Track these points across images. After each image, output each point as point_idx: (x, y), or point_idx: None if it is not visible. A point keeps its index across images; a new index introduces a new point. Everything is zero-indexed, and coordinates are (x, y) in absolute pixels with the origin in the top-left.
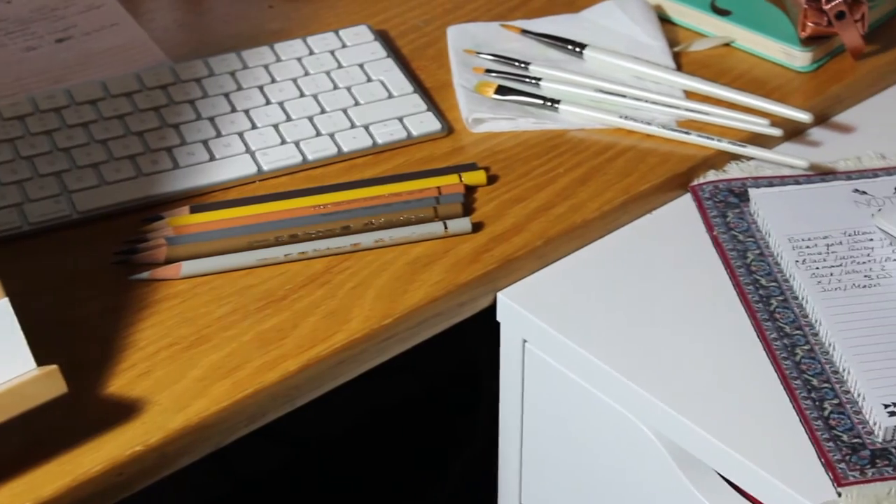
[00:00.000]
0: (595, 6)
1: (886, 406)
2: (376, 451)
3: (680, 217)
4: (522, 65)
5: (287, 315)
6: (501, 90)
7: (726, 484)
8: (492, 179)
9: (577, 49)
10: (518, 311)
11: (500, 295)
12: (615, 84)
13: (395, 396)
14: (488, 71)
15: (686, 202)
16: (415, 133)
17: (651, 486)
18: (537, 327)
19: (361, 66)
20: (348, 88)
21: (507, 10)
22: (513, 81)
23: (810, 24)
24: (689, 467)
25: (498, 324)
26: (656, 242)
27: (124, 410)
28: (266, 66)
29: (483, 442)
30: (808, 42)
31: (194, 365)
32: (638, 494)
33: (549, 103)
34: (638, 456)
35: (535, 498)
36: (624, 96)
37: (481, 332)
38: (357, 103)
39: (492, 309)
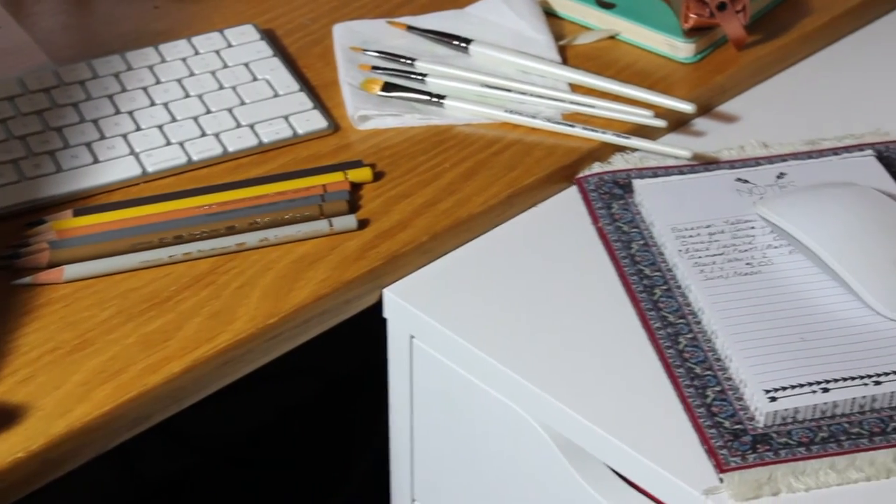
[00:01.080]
0: (480, 2)
1: (767, 392)
2: (281, 452)
3: (566, 209)
4: (408, 61)
5: (171, 317)
6: (387, 87)
7: (614, 474)
8: (378, 176)
9: (463, 44)
10: (404, 307)
11: (386, 291)
12: (501, 79)
13: (302, 397)
14: (374, 68)
15: (572, 194)
16: (300, 131)
17: (540, 479)
18: (424, 323)
19: (247, 65)
20: (234, 88)
21: (393, 7)
22: (399, 78)
23: (693, 15)
24: (576, 458)
25: (385, 320)
26: (542, 235)
27: (5, 417)
28: (150, 68)
29: (386, 442)
30: (691, 33)
31: (77, 369)
32: (528, 487)
33: (434, 99)
34: (527, 449)
35: (428, 493)
36: (509, 90)
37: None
38: (242, 103)
39: (382, 306)
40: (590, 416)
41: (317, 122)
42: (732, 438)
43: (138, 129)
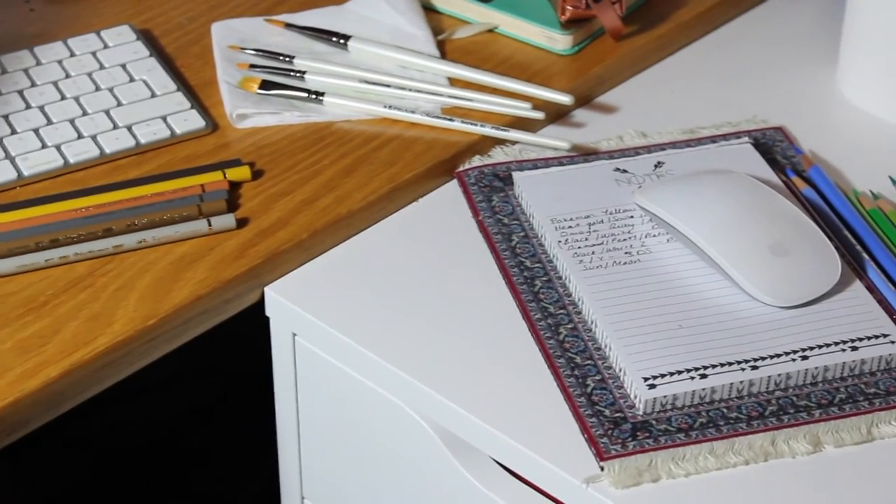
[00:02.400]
0: None
1: (646, 379)
2: (182, 456)
3: (446, 203)
4: (287, 59)
5: (48, 321)
6: (266, 85)
7: (498, 466)
8: (257, 174)
9: (342, 41)
10: (286, 304)
11: (267, 290)
12: (379, 74)
13: (204, 400)
14: (253, 66)
15: (452, 188)
16: (178, 131)
17: (426, 472)
18: (306, 320)
19: (124, 66)
20: (110, 89)
21: (272, 5)
22: (277, 76)
23: (569, 7)
24: (460, 451)
25: (268, 319)
26: (423, 230)
27: None
28: (26, 70)
29: None
30: (568, 25)
31: None
32: (415, 481)
33: (313, 96)
34: (412, 444)
35: (318, 491)
36: (388, 86)
37: None
38: (120, 104)
39: (264, 304)
40: (472, 409)
41: (195, 121)
42: (612, 427)
43: (13, 132)
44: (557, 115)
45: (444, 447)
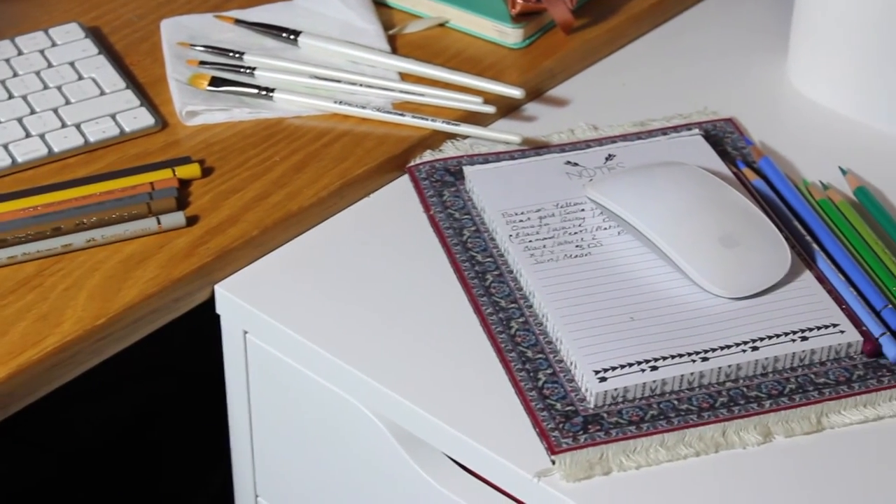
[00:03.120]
0: None
1: (597, 372)
2: (136, 457)
3: (398, 199)
4: (237, 55)
5: None
6: (216, 81)
7: (451, 462)
8: (207, 172)
9: (292, 36)
10: (237, 302)
11: (217, 287)
12: (330, 70)
13: (158, 399)
14: (202, 63)
15: (404, 183)
16: (128, 129)
17: (379, 469)
18: (257, 318)
19: (72, 64)
20: (59, 88)
21: (222, 1)
22: (227, 72)
23: (520, 1)
24: (413, 448)
25: (219, 317)
26: (375, 225)
27: None
28: None
29: None
30: (519, 19)
31: None
32: (368, 478)
33: (263, 92)
34: (365, 440)
35: (271, 490)
36: (339, 81)
37: None
38: (68, 102)
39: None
40: (424, 405)
41: (144, 119)
42: (564, 420)
43: None
44: (509, 108)
45: (396, 444)
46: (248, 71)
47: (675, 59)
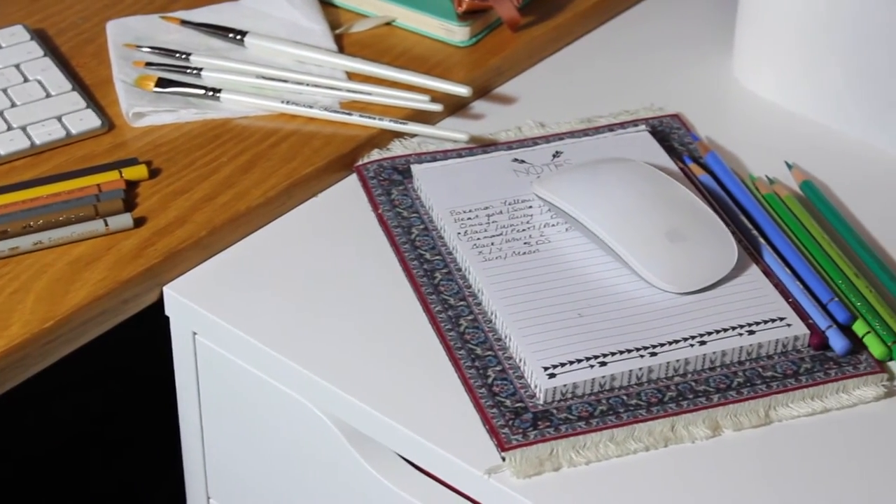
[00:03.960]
0: None
1: (546, 369)
2: (96, 458)
3: (346, 198)
4: (183, 56)
5: None
6: (162, 83)
7: (402, 460)
8: (154, 173)
9: (238, 37)
10: (185, 303)
11: (166, 289)
12: (277, 70)
13: (109, 402)
14: (149, 64)
15: (352, 183)
16: (74, 131)
17: (330, 469)
18: (206, 319)
19: (17, 66)
20: (4, 90)
21: (167, 2)
22: (174, 73)
23: None
24: (364, 447)
25: (168, 318)
26: (323, 225)
27: None
28: None
29: None
30: (465, 17)
31: None
32: (319, 478)
33: (210, 93)
34: (316, 440)
35: (223, 490)
36: (286, 81)
37: None
38: (14, 105)
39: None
40: (374, 404)
41: (90, 121)
42: (514, 417)
43: None
44: (456, 107)
45: (347, 443)
46: (194, 72)
47: (622, 55)
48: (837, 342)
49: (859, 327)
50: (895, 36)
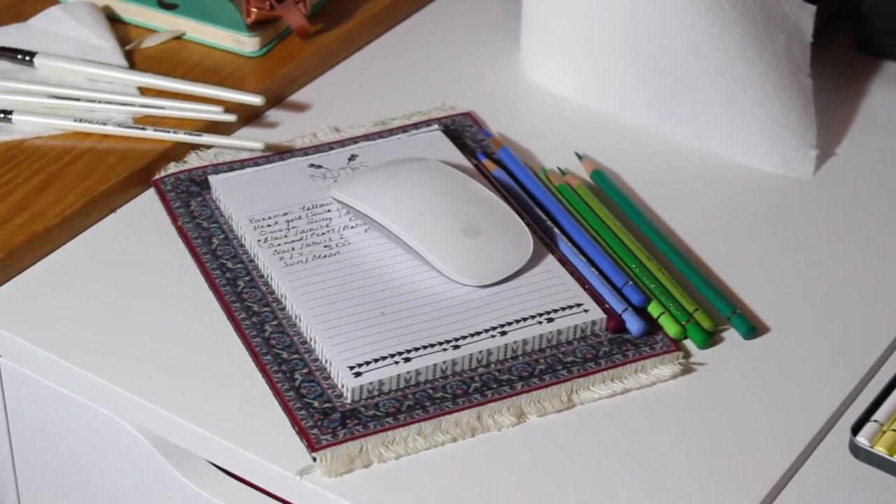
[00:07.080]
0: (41, 13)
1: (352, 368)
2: None
3: (145, 212)
4: None
5: None
6: None
7: (215, 468)
8: None
9: (27, 58)
10: None
11: None
12: (68, 88)
13: None
14: None
15: (150, 197)
16: None
17: (144, 482)
18: (9, 340)
19: None
20: None
21: None
22: None
23: (254, 9)
24: (176, 458)
25: None
26: (123, 240)
27: None
28: None
29: None
30: (254, 27)
31: None
32: (133, 492)
33: (1, 115)
34: (127, 454)
35: None
36: (78, 99)
37: None
38: None
39: None
40: (182, 414)
41: None
42: (322, 417)
43: None
44: (251, 116)
45: (158, 454)
46: None
47: (412, 58)
48: (633, 324)
49: (654, 308)
50: (672, 26)
